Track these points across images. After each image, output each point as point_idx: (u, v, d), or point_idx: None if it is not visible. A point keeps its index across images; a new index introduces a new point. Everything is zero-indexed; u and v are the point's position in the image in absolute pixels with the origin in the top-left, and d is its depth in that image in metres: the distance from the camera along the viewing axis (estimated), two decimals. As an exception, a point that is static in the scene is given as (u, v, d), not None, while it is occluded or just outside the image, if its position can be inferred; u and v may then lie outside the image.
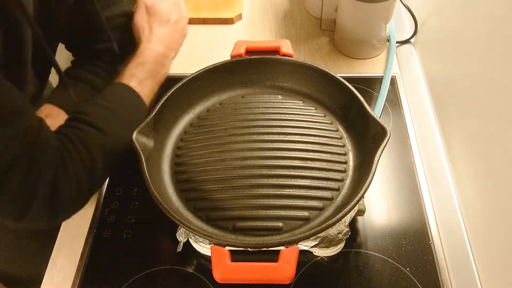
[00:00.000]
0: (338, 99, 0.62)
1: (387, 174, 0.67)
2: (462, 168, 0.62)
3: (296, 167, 0.55)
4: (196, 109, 0.64)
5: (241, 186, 0.54)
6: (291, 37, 0.88)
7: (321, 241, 0.55)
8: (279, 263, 0.44)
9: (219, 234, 0.51)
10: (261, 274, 0.45)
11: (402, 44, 0.84)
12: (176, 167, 0.57)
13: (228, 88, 0.66)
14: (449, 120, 0.67)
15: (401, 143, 0.70)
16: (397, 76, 0.80)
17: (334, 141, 0.58)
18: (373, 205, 0.64)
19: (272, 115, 0.61)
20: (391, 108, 0.75)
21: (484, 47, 0.56)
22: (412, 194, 0.65)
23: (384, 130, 0.52)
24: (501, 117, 0.51)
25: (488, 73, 0.55)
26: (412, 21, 0.80)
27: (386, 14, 0.77)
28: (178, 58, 0.85)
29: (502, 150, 0.51)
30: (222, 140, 0.59)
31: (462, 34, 0.63)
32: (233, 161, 0.56)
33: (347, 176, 0.55)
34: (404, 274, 0.57)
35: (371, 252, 0.59)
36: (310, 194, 0.53)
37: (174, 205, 0.54)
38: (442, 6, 0.71)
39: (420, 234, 0.60)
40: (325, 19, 0.87)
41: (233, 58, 0.64)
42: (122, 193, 0.66)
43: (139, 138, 0.53)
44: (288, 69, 0.65)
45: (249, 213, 0.52)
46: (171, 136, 0.61)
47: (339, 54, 0.84)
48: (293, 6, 0.94)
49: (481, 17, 0.57)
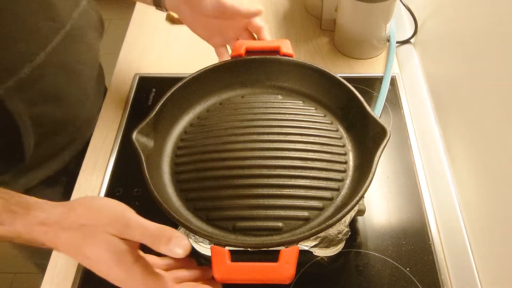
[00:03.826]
0: (338, 99, 0.62)
1: (387, 174, 0.67)
2: (462, 168, 0.62)
3: (296, 167, 0.55)
4: (196, 109, 0.64)
5: (241, 186, 0.54)
6: (291, 37, 0.88)
7: (321, 241, 0.55)
8: (279, 263, 0.44)
9: (219, 234, 0.51)
10: (261, 274, 0.45)
11: (402, 44, 0.84)
12: (176, 167, 0.57)
13: (228, 88, 0.66)
14: (449, 120, 0.67)
15: (401, 143, 0.70)
16: (397, 76, 0.80)
17: (334, 141, 0.58)
18: (373, 205, 0.64)
19: (272, 115, 0.61)
20: (391, 108, 0.75)
21: (484, 47, 0.56)
22: (412, 194, 0.65)
23: (384, 130, 0.52)
24: (501, 117, 0.51)
25: (488, 73, 0.55)
26: (412, 21, 0.80)
27: (386, 14, 0.77)
28: (178, 58, 0.86)
29: (502, 150, 0.51)
30: (222, 140, 0.58)
31: (462, 34, 0.63)
32: (233, 161, 0.56)
33: (347, 176, 0.55)
34: (404, 274, 0.57)
35: (371, 252, 0.59)
36: (310, 194, 0.53)
37: (174, 205, 0.54)
38: (442, 6, 0.71)
39: (420, 234, 0.60)
40: (325, 19, 0.87)
41: (233, 58, 0.64)
42: (122, 193, 0.66)
43: (139, 138, 0.53)
44: (288, 69, 0.65)
45: (249, 213, 0.52)
46: (171, 136, 0.61)
47: (339, 54, 0.84)
48: (293, 6, 0.94)
49: (481, 17, 0.57)
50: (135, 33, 0.91)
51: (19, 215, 0.44)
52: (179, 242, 0.42)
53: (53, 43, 0.57)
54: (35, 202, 0.45)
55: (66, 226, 0.43)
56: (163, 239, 0.42)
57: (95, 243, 0.42)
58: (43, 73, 0.57)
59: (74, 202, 0.45)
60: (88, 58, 0.67)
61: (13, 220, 0.43)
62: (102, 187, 0.67)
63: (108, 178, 0.68)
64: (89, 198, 0.46)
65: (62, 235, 0.43)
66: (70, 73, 0.63)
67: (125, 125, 0.74)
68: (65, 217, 0.43)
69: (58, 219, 0.43)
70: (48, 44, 0.56)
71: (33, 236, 0.44)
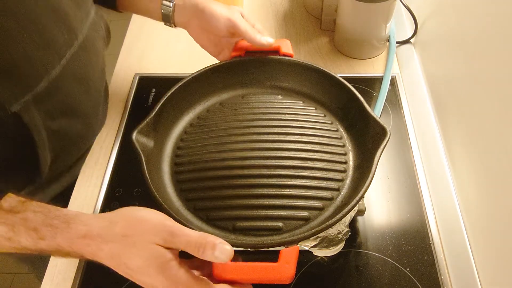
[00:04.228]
0: (338, 99, 0.62)
1: (387, 174, 0.67)
2: (462, 168, 0.62)
3: (296, 167, 0.55)
4: (196, 109, 0.64)
5: (241, 186, 0.54)
6: (291, 37, 0.88)
7: (321, 241, 0.55)
8: (279, 263, 0.44)
9: (219, 234, 0.51)
10: (261, 274, 0.45)
11: (402, 44, 0.84)
12: (176, 167, 0.57)
13: (228, 88, 0.66)
14: (449, 120, 0.67)
15: (401, 143, 0.70)
16: (397, 76, 0.80)
17: (334, 141, 0.58)
18: (373, 205, 0.64)
19: (272, 115, 0.61)
20: (391, 108, 0.75)
21: (484, 47, 0.56)
22: (412, 194, 0.65)
23: (384, 130, 0.52)
24: (501, 117, 0.51)
25: (488, 73, 0.55)
26: (412, 21, 0.80)
27: (386, 14, 0.77)
28: (178, 58, 0.86)
29: (502, 150, 0.51)
30: (222, 140, 0.59)
31: (462, 34, 0.63)
32: (233, 161, 0.56)
33: (347, 176, 0.55)
34: (404, 274, 0.57)
35: (371, 252, 0.59)
36: (310, 194, 0.53)
37: (174, 205, 0.54)
38: (442, 6, 0.71)
39: (420, 234, 0.60)
40: (325, 19, 0.87)
41: (233, 58, 0.64)
42: (122, 193, 0.66)
43: (139, 138, 0.53)
44: (288, 69, 0.65)
45: (249, 213, 0.52)
46: (171, 136, 0.61)
47: (339, 54, 0.84)
48: (293, 6, 0.94)
49: (481, 17, 0.57)
50: (135, 33, 0.91)
51: (59, 229, 0.44)
52: (223, 248, 0.43)
53: (67, 56, 0.57)
54: (75, 215, 0.46)
55: (109, 239, 0.43)
56: (207, 246, 0.43)
57: (139, 254, 0.42)
58: (59, 86, 0.57)
59: (114, 214, 0.45)
60: (97, 68, 0.67)
61: (54, 234, 0.44)
62: (102, 187, 0.67)
63: (108, 178, 0.68)
64: (128, 209, 0.46)
65: (105, 247, 0.43)
66: (84, 84, 0.63)
67: (125, 125, 0.75)
68: (107, 230, 0.44)
69: (100, 232, 0.44)
70: (63, 57, 0.56)
71: (74, 249, 0.44)
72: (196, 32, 0.65)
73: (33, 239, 0.44)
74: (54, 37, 0.54)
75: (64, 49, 0.56)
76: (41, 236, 0.44)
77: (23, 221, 0.45)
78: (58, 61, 0.56)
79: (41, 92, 0.54)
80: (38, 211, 0.45)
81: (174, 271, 0.42)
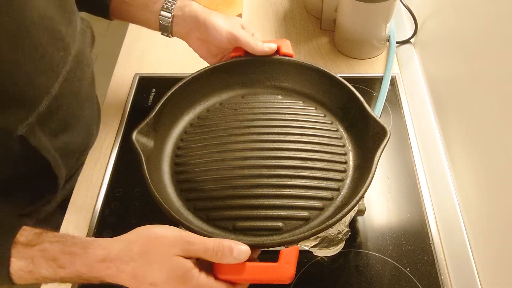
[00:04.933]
0: (338, 99, 0.62)
1: (387, 174, 0.67)
2: (462, 168, 0.62)
3: (296, 167, 0.55)
4: (196, 109, 0.64)
5: (241, 186, 0.54)
6: (291, 37, 0.88)
7: (321, 241, 0.55)
8: (279, 263, 0.45)
9: (219, 234, 0.51)
10: (261, 274, 0.45)
11: (402, 44, 0.84)
12: (176, 167, 0.57)
13: (228, 88, 0.66)
14: (449, 120, 0.67)
15: (401, 143, 0.70)
16: (397, 76, 0.80)
17: (334, 141, 0.58)
18: (373, 205, 0.64)
19: (272, 115, 0.61)
20: (391, 108, 0.75)
21: (484, 47, 0.56)
22: (412, 194, 0.65)
23: (384, 130, 0.52)
24: (501, 117, 0.51)
25: (488, 73, 0.55)
26: (412, 21, 0.80)
27: (386, 14, 0.77)
28: (178, 58, 0.86)
29: (502, 150, 0.51)
30: (222, 140, 0.58)
31: (462, 34, 0.63)
32: (233, 161, 0.56)
33: (347, 176, 0.55)
34: (404, 274, 0.57)
35: (371, 252, 0.59)
36: (310, 194, 0.53)
37: (174, 205, 0.54)
38: (442, 6, 0.71)
39: (420, 234, 0.60)
40: (325, 19, 0.87)
41: (233, 58, 0.64)
42: (123, 193, 0.66)
43: (139, 138, 0.53)
44: (288, 69, 0.65)
45: (249, 213, 0.52)
46: (171, 136, 0.61)
47: (339, 54, 0.84)
48: (293, 6, 0.94)
49: (481, 17, 0.57)
50: (135, 33, 0.91)
51: (78, 255, 0.44)
52: (240, 249, 0.44)
53: (63, 72, 0.57)
54: (92, 240, 0.46)
55: (129, 259, 0.43)
56: (225, 250, 0.44)
57: (162, 268, 0.43)
58: (59, 103, 0.57)
59: (131, 235, 0.46)
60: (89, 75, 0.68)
61: (73, 261, 0.44)
62: (102, 187, 0.67)
63: (108, 178, 0.68)
64: (143, 228, 0.46)
65: (125, 268, 0.43)
66: (81, 96, 0.64)
67: (125, 125, 0.75)
68: (125, 251, 0.44)
69: (119, 254, 0.44)
70: (60, 74, 0.57)
71: (94, 274, 0.44)
72: (196, 44, 0.65)
73: (53, 268, 0.44)
74: (52, 57, 0.55)
75: (61, 66, 0.57)
76: (60, 265, 0.44)
77: (41, 253, 0.45)
78: (56, 79, 0.56)
79: (43, 112, 0.55)
80: (55, 240, 0.46)
81: (195, 279, 0.43)
